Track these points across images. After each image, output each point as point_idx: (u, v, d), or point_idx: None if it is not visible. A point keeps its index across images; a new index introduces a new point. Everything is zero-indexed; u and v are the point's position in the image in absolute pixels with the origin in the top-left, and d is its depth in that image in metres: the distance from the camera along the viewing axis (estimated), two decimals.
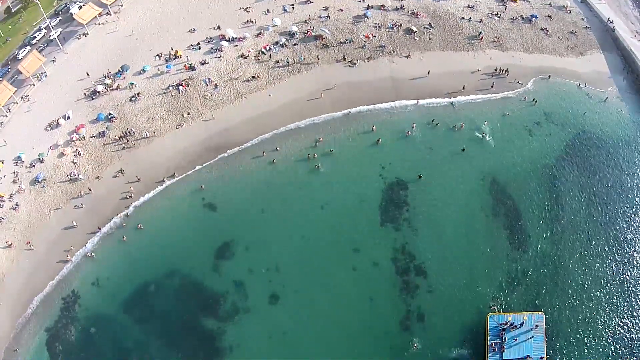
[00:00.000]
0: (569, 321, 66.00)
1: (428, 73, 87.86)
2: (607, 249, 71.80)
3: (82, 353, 65.38)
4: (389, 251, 70.52)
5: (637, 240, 72.77)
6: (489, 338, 62.53)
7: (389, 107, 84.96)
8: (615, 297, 68.13)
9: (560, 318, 66.11)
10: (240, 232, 72.38)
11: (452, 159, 79.22)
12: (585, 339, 64.82)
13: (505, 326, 63.03)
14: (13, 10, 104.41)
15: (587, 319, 66.19)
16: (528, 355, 61.34)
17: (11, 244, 72.64)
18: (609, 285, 69.01)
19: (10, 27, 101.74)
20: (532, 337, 62.23)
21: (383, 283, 68.30)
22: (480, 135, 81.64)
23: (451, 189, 76.14)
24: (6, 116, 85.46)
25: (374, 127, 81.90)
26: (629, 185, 77.99)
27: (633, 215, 74.96)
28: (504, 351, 61.60)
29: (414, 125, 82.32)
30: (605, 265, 70.55)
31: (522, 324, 62.96)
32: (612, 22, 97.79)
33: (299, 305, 67.11)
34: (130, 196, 76.20)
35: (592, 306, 67.17)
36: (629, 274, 69.91)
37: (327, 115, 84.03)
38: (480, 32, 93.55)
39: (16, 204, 75.94)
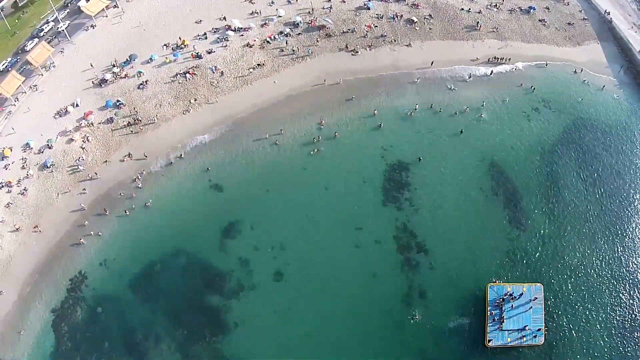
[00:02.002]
0: (567, 293, 67.08)
1: (432, 64, 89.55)
2: (603, 225, 73.32)
3: (88, 333, 66.13)
4: (391, 229, 71.76)
5: (632, 217, 74.31)
6: (488, 309, 63.58)
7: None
8: (612, 270, 69.35)
9: (558, 290, 67.19)
10: (246, 212, 73.57)
11: (451, 142, 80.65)
12: (583, 311, 65.89)
13: (505, 297, 64.10)
14: (20, 4, 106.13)
15: (585, 292, 67.32)
16: (526, 326, 62.49)
17: (19, 227, 73.42)
18: (606, 258, 70.24)
19: (17, 20, 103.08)
20: (531, 307, 63.39)
21: (385, 260, 69.46)
22: (479, 121, 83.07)
23: (451, 169, 77.53)
24: (15, 105, 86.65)
25: (376, 111, 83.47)
26: (623, 166, 79.58)
27: (627, 194, 76.55)
28: (503, 322, 62.67)
29: (417, 106, 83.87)
30: (602, 240, 71.95)
31: (521, 295, 64.04)
32: (609, 13, 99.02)
33: (303, 282, 68.24)
34: (138, 178, 77.43)
35: (589, 279, 68.38)
36: (625, 248, 71.31)
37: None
38: (479, 22, 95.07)
39: (24, 189, 76.92)
